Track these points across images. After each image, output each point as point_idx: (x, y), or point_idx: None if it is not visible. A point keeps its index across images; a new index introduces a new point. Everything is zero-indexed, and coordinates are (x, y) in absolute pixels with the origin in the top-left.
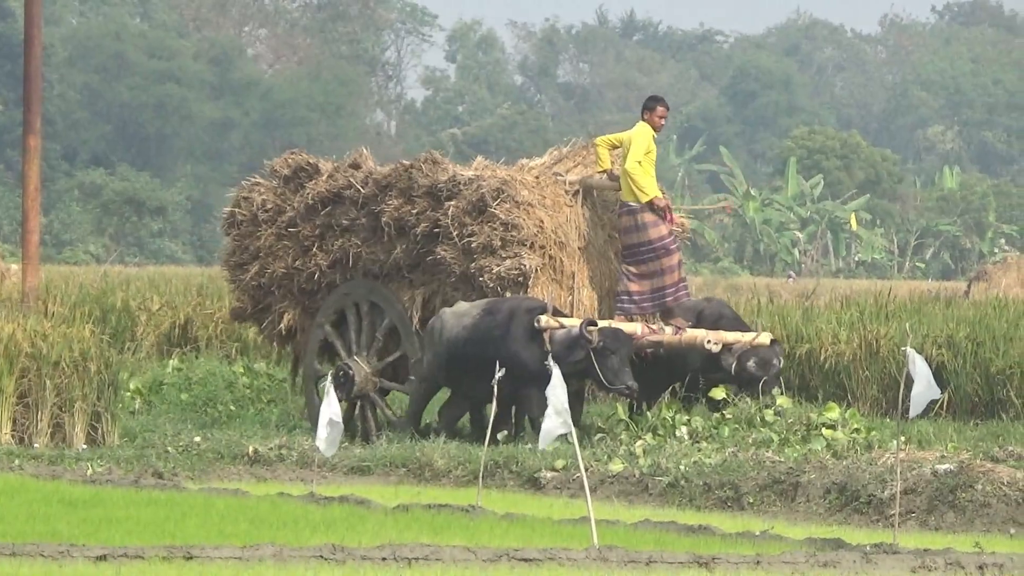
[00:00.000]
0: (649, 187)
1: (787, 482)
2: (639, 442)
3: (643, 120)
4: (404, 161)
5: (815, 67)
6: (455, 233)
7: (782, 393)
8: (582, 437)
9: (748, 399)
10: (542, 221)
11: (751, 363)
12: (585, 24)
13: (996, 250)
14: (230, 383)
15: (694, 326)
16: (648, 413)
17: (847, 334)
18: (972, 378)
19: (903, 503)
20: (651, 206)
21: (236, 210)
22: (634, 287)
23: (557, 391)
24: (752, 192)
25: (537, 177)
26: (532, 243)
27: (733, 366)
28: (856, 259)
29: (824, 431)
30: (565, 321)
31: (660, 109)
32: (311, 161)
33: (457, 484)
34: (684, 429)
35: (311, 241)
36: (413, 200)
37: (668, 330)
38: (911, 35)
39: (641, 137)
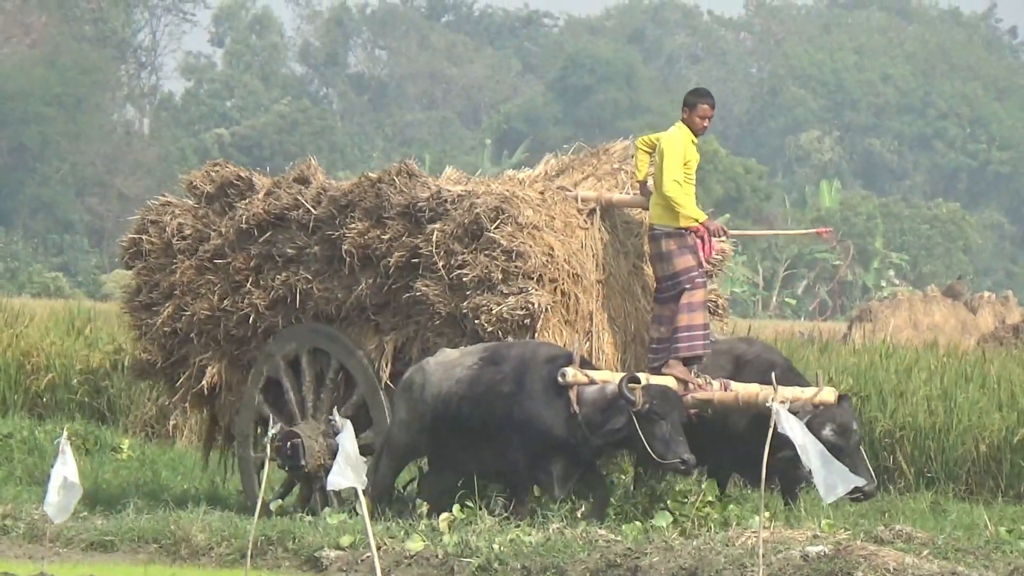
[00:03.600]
0: (691, 207)
1: (624, 566)
2: (444, 515)
3: (682, 121)
4: (370, 174)
5: (664, 57)
6: (440, 264)
7: (868, 469)
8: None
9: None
10: (551, 248)
11: (828, 431)
12: (383, 2)
13: (883, 283)
14: None
15: (731, 377)
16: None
17: None
18: None
19: None
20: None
21: (142, 237)
22: (655, 332)
23: (349, 444)
24: None
25: (542, 193)
26: (540, 276)
27: None
28: None
29: (671, 504)
30: (595, 375)
31: (703, 107)
32: (243, 175)
33: (220, 564)
34: (499, 500)
35: (244, 275)
36: (383, 223)
37: (716, 384)
38: (783, 20)
39: (675, 144)
